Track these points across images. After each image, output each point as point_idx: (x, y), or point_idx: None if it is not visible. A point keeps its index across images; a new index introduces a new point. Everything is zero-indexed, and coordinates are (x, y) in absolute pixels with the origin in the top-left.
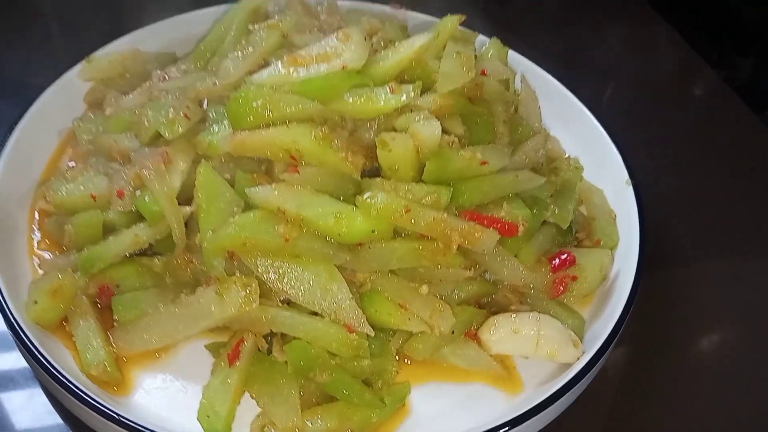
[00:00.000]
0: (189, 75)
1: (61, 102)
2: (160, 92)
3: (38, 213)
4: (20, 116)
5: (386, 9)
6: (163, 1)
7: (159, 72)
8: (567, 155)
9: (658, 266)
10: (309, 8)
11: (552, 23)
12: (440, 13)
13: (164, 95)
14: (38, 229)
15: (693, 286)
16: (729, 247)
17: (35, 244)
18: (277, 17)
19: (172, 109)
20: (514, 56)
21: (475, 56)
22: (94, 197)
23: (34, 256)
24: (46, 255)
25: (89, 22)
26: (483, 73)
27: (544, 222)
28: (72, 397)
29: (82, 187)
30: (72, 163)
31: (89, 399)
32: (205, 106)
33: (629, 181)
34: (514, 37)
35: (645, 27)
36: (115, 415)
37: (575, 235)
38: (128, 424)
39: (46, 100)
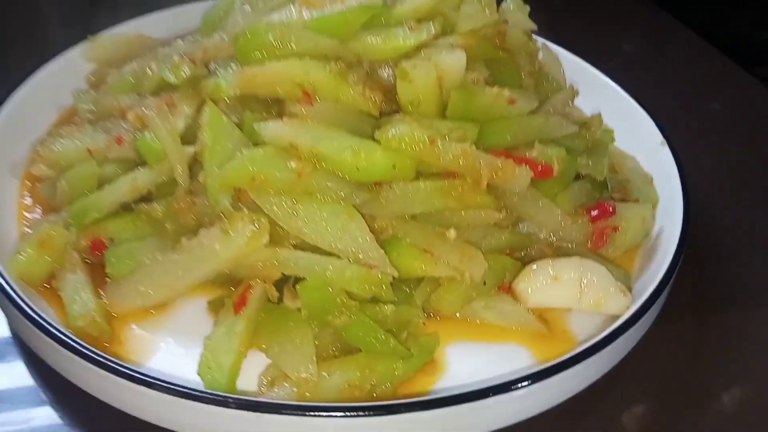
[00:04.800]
0: (196, 41)
1: (62, 78)
2: (165, 54)
3: (30, 180)
4: (19, 84)
5: None
6: None
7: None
8: (598, 113)
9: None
10: None
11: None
12: None
13: (170, 54)
14: (30, 196)
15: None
16: None
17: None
18: None
19: (176, 56)
20: None
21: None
22: (90, 152)
23: (24, 222)
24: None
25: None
26: (505, 23)
27: (578, 178)
28: (57, 344)
29: (78, 142)
30: None
31: (76, 345)
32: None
33: (664, 141)
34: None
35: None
36: (104, 361)
37: (611, 194)
38: (119, 370)
39: (47, 74)
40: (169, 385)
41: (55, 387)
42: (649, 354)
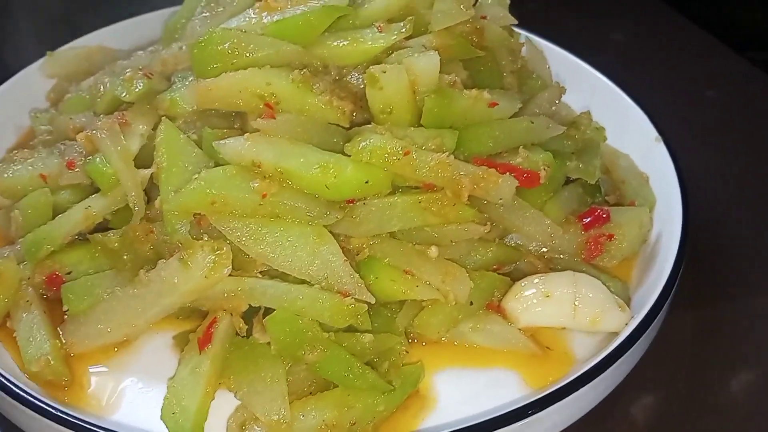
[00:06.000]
0: (156, 53)
1: (20, 98)
2: (122, 68)
3: None
4: None
5: None
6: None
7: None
8: (587, 111)
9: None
10: None
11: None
12: None
13: (127, 69)
14: None
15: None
16: None
17: None
18: None
19: (130, 70)
20: None
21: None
22: (44, 177)
23: None
24: None
25: (59, 20)
26: (483, 18)
27: (568, 182)
28: (8, 398)
29: (30, 168)
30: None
31: (28, 397)
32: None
33: (659, 137)
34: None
35: (653, 16)
36: (60, 415)
37: (604, 198)
38: (75, 423)
39: (3, 94)
40: None
41: None
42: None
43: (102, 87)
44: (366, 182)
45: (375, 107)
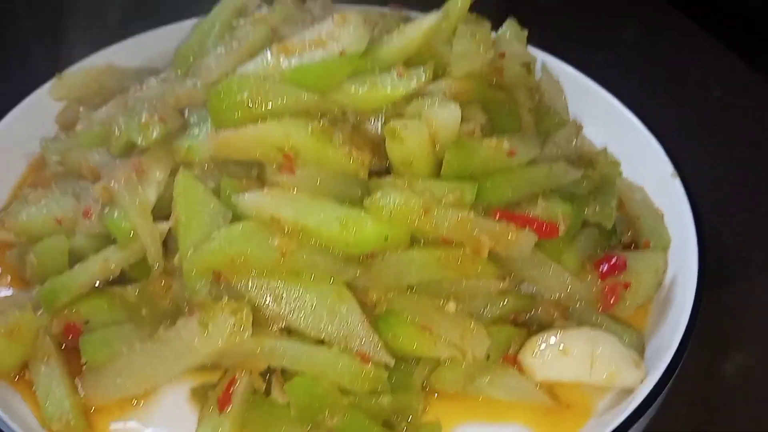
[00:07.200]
0: (169, 82)
1: (29, 123)
2: (135, 102)
3: None
4: None
5: (384, 10)
6: (145, 15)
7: (137, 86)
8: (604, 147)
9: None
10: (300, 2)
11: (566, 20)
12: None
13: (140, 104)
14: None
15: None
16: None
17: None
18: (264, 10)
19: (146, 114)
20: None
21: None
22: (59, 221)
23: None
24: (4, 292)
25: (66, 38)
26: (501, 56)
27: (584, 224)
28: None
29: (45, 210)
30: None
31: None
32: (186, 115)
33: (675, 173)
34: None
35: (660, 20)
36: None
37: (620, 237)
38: None
39: (12, 120)
40: None
41: None
42: None
43: (116, 128)
44: (385, 238)
45: (395, 160)
